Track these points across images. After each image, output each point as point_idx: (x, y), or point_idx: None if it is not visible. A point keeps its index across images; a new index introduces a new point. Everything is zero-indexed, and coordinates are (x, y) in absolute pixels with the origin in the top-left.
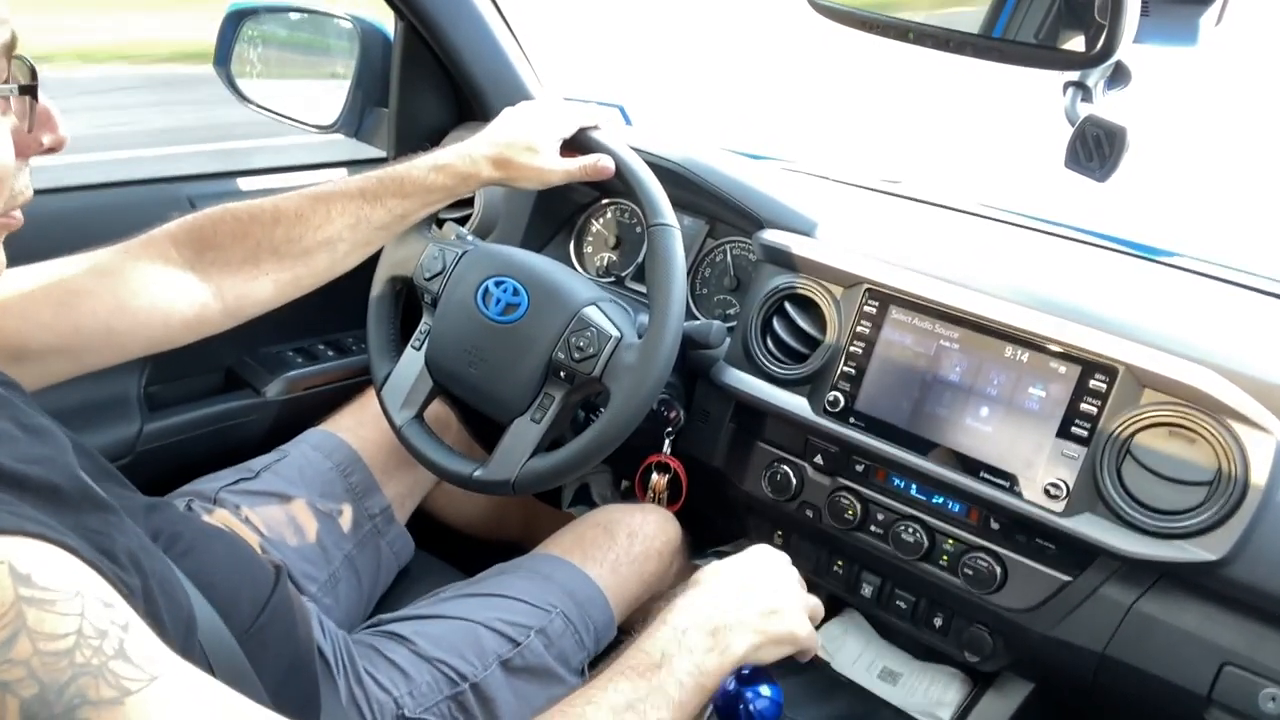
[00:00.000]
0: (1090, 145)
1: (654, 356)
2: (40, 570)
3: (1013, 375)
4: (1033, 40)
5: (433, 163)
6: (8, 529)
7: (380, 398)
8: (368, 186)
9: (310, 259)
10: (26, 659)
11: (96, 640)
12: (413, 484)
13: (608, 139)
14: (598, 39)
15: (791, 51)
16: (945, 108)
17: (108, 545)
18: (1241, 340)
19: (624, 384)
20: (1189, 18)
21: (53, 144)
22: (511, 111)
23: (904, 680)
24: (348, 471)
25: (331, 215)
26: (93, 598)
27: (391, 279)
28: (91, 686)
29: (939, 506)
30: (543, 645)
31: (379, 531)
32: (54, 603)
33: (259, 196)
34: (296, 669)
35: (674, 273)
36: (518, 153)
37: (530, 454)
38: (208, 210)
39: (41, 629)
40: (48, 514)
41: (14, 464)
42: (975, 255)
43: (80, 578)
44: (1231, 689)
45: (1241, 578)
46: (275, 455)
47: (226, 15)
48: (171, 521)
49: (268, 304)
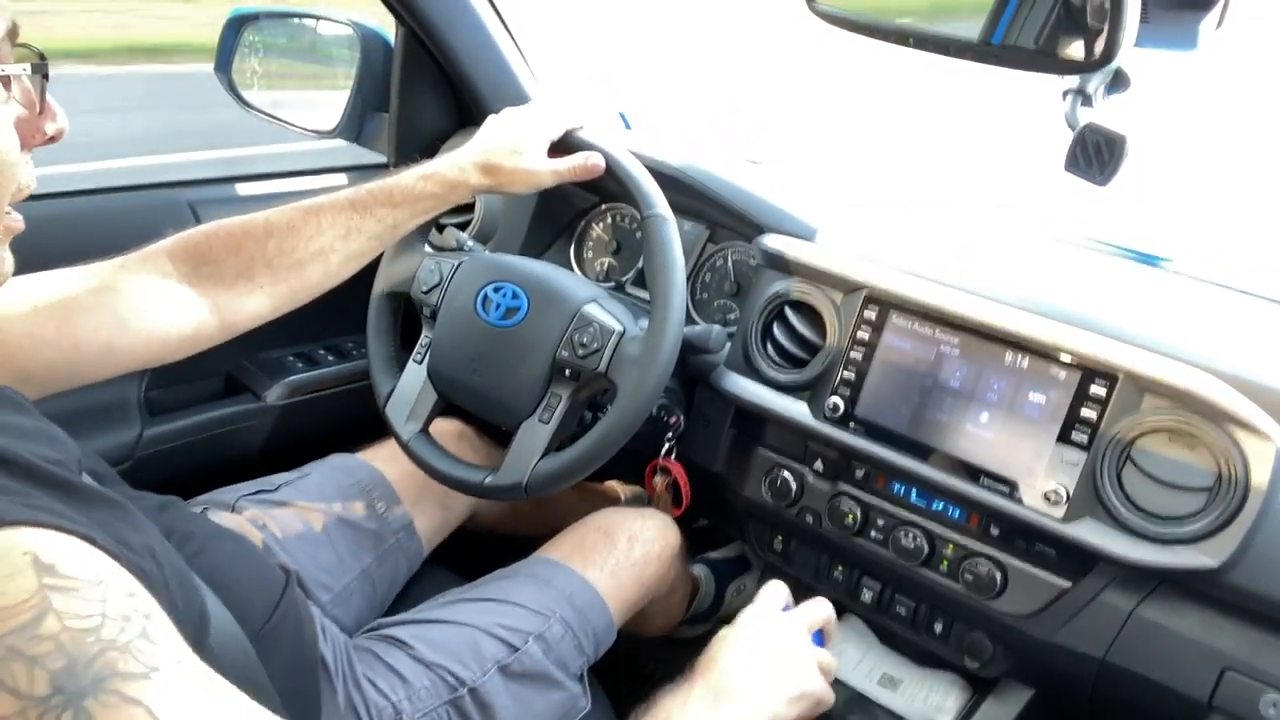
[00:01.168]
0: (1090, 151)
1: (658, 349)
2: (64, 560)
3: (1013, 381)
4: (1032, 46)
5: (421, 172)
6: (30, 521)
7: (385, 414)
8: (358, 198)
9: (303, 270)
10: (55, 634)
11: (121, 622)
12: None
13: (595, 137)
14: (598, 44)
15: (791, 57)
16: (945, 113)
17: (123, 536)
18: (1242, 346)
19: (630, 377)
20: (1188, 23)
21: (55, 133)
22: (496, 118)
23: (904, 686)
24: (369, 488)
25: (322, 226)
26: (115, 586)
27: (389, 295)
28: (120, 660)
29: (939, 512)
30: (541, 651)
31: (401, 546)
32: (78, 590)
33: (259, 201)
34: (301, 672)
35: (672, 263)
36: (505, 158)
37: (540, 455)
38: (201, 226)
39: (68, 610)
40: (63, 504)
41: (29, 456)
42: (975, 261)
43: (102, 568)
44: (1232, 695)
45: (1242, 584)
46: (297, 474)
47: (227, 21)
48: (183, 521)
49: (263, 317)
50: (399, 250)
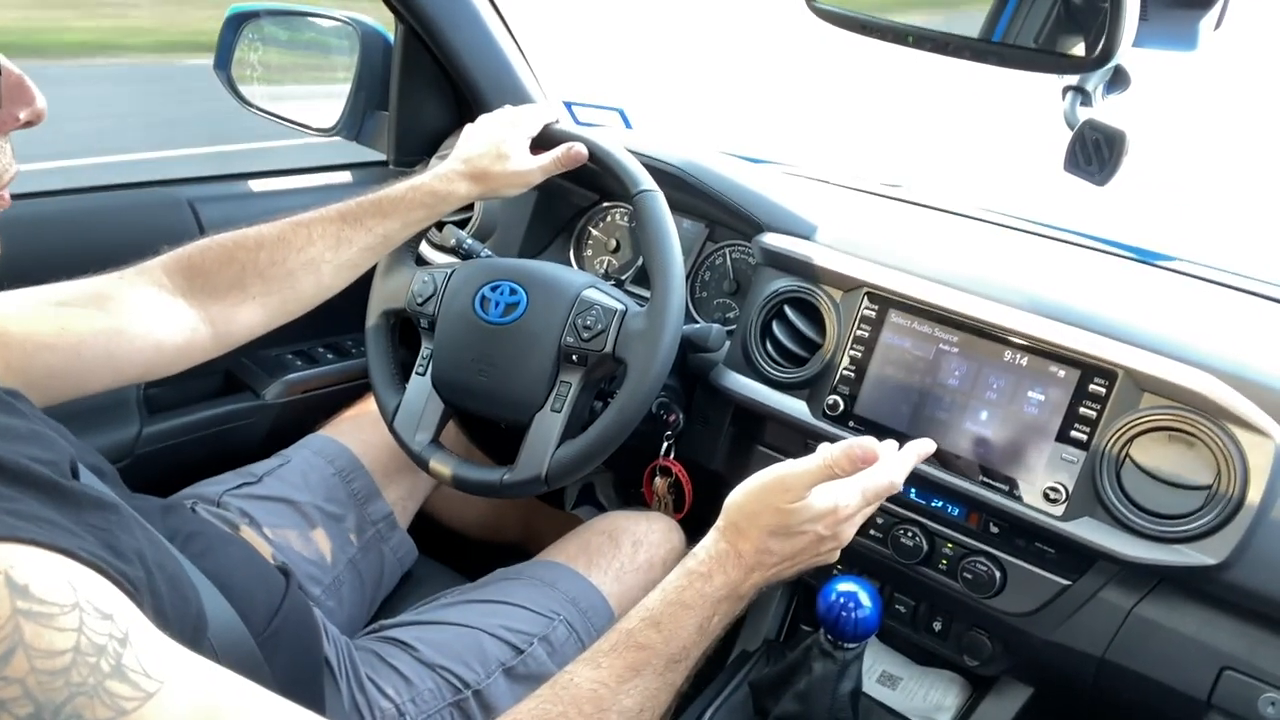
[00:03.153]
0: (1090, 149)
1: (663, 319)
2: (38, 580)
3: (1012, 379)
4: (1032, 44)
5: (411, 184)
6: (8, 535)
7: (394, 430)
8: (348, 210)
9: (294, 281)
10: (22, 677)
11: (94, 658)
12: (412, 487)
13: (573, 127)
14: (598, 42)
15: (791, 55)
16: (945, 111)
17: (111, 541)
18: (1241, 344)
19: (639, 352)
20: (1188, 22)
21: (30, 117)
22: (473, 127)
23: (903, 684)
24: (350, 478)
25: (312, 237)
26: (91, 610)
27: (385, 313)
28: (87, 707)
29: (938, 510)
30: (546, 653)
31: (382, 537)
32: (52, 616)
33: (258, 198)
34: (305, 674)
35: (666, 235)
36: (491, 162)
37: (557, 444)
38: (195, 242)
39: (38, 645)
40: (50, 509)
41: (16, 458)
42: (975, 259)
43: (79, 586)
44: (1231, 694)
45: (1241, 582)
46: (277, 460)
47: (227, 19)
48: (187, 522)
49: (256, 330)
50: (390, 267)
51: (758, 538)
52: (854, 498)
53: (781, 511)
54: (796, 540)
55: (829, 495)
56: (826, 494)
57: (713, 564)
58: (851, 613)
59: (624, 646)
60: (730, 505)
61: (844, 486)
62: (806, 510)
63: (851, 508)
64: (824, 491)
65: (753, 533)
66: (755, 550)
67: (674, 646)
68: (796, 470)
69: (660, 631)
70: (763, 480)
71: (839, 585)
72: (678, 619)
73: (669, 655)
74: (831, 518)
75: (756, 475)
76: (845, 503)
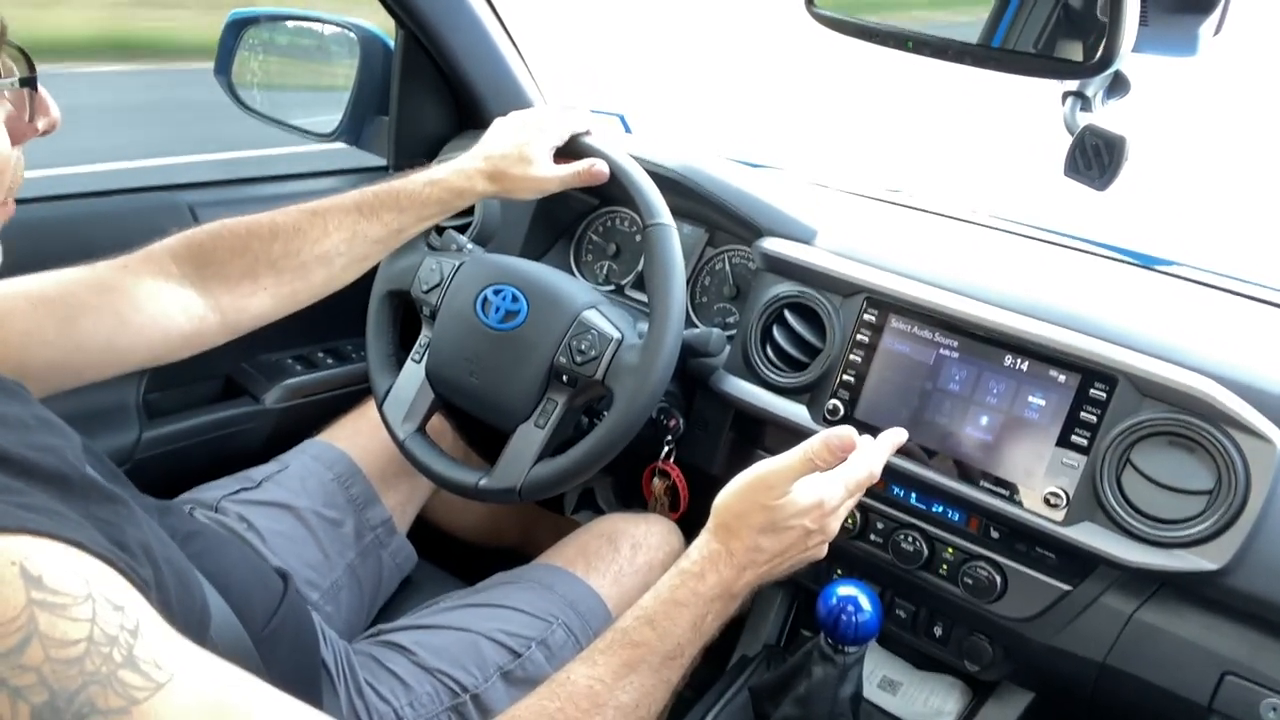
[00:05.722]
0: (1089, 154)
1: (656, 357)
2: (51, 571)
3: (1012, 384)
4: (1032, 50)
5: (428, 178)
6: (18, 527)
7: (382, 413)
8: (364, 201)
9: (307, 273)
10: (38, 665)
11: (107, 647)
12: (411, 492)
13: (601, 143)
14: (598, 47)
15: (791, 60)
16: (945, 116)
17: (118, 536)
18: (1241, 349)
19: (627, 385)
20: (1188, 27)
21: (47, 127)
22: (503, 122)
23: (904, 689)
24: (348, 483)
25: (329, 229)
26: (103, 600)
27: (389, 294)
28: (100, 695)
29: (939, 515)
30: (544, 657)
31: (381, 543)
32: (65, 607)
33: (259, 203)
34: (302, 677)
35: (673, 272)
36: (511, 164)
37: (535, 460)
38: (206, 226)
39: (53, 635)
40: (57, 502)
41: (24, 450)
42: (975, 264)
43: (91, 578)
44: (1232, 699)
45: (1242, 587)
46: (276, 466)
47: (227, 24)
48: (185, 523)
49: (265, 318)
50: (400, 248)
51: (748, 536)
52: (837, 490)
53: (768, 508)
54: (785, 536)
55: (813, 489)
56: (810, 488)
57: (705, 564)
58: (852, 616)
59: (619, 644)
60: (719, 506)
61: (827, 480)
62: (792, 505)
63: (836, 500)
64: (807, 486)
65: (743, 531)
66: (746, 549)
67: (669, 644)
68: (778, 467)
69: (655, 629)
70: (747, 479)
71: (839, 589)
72: (672, 616)
73: (664, 652)
74: (818, 511)
75: (741, 475)
76: (829, 495)
